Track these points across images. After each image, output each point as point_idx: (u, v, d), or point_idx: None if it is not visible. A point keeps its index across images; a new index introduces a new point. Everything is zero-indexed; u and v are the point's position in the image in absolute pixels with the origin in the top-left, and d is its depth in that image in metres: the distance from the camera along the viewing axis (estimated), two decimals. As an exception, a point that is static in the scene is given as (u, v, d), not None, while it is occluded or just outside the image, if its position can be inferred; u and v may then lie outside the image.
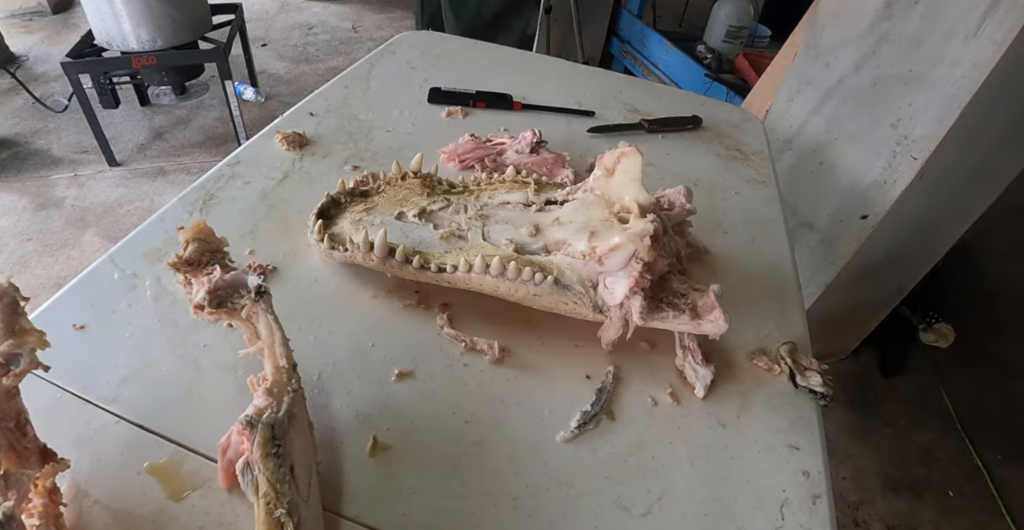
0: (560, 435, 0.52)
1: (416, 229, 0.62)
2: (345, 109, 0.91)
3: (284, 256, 0.65)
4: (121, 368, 0.52)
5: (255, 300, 0.47)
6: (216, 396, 0.51)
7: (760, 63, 2.24)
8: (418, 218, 0.63)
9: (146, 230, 0.66)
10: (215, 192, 0.72)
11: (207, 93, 2.72)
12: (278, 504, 0.38)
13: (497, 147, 0.83)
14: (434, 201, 0.65)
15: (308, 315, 0.59)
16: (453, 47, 1.15)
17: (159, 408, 0.50)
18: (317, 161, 0.79)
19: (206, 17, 2.29)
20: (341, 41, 3.42)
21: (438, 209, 0.65)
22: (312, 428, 0.46)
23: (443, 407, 0.53)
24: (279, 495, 0.39)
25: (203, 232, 0.49)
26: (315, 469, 0.44)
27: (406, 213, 0.64)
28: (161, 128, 2.50)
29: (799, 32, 1.74)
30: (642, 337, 0.60)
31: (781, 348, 0.60)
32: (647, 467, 0.51)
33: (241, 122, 2.31)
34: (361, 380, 0.54)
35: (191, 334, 0.55)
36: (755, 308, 0.67)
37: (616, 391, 0.56)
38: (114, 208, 2.10)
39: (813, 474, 0.52)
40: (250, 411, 0.41)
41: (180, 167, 2.31)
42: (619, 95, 1.05)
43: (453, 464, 0.49)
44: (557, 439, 0.52)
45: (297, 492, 0.40)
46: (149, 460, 0.46)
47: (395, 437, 0.50)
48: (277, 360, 0.45)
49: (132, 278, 0.60)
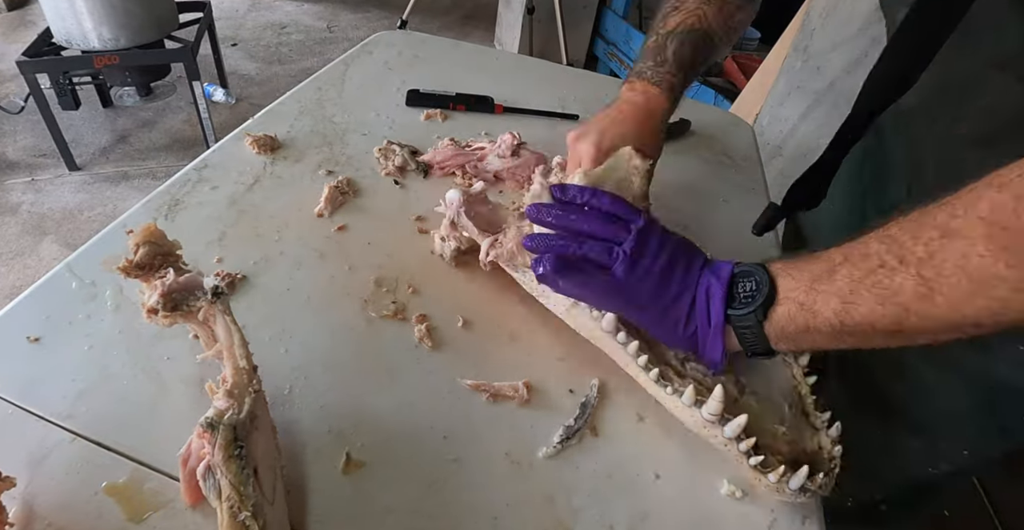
0: (542, 451, 0.52)
1: None
2: (319, 111, 0.91)
3: (254, 264, 0.64)
4: (78, 382, 0.51)
5: (212, 301, 0.47)
6: (181, 411, 0.50)
7: (749, 66, 2.28)
8: None
9: (107, 237, 0.65)
10: (181, 197, 0.71)
11: (174, 94, 2.70)
12: (242, 507, 0.38)
13: (477, 153, 0.84)
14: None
15: (279, 326, 0.59)
16: (432, 47, 1.16)
17: (118, 424, 0.49)
18: (289, 165, 0.79)
19: (172, 15, 2.28)
20: (315, 41, 3.42)
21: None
22: (275, 431, 0.46)
23: (420, 422, 0.53)
24: (243, 498, 0.39)
25: (154, 235, 0.48)
26: (279, 471, 0.44)
27: None
28: (124, 131, 2.48)
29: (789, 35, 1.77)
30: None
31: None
32: (632, 484, 0.51)
33: (210, 125, 2.29)
34: (334, 394, 0.54)
35: (154, 346, 0.55)
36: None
37: (600, 405, 0.57)
38: (74, 214, 2.07)
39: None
40: (210, 413, 0.41)
41: (145, 171, 2.29)
42: (604, 98, 1.05)
43: (430, 481, 0.49)
44: (539, 455, 0.52)
45: (262, 494, 0.40)
46: (107, 480, 0.45)
47: (369, 453, 0.50)
48: (237, 361, 0.45)
49: (92, 287, 0.59)
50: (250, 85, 2.91)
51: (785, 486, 0.47)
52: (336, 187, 0.74)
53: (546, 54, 2.83)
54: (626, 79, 0.73)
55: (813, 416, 0.52)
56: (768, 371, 0.54)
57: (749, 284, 0.47)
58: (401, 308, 0.62)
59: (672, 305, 0.49)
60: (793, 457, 0.49)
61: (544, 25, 2.86)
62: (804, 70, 1.59)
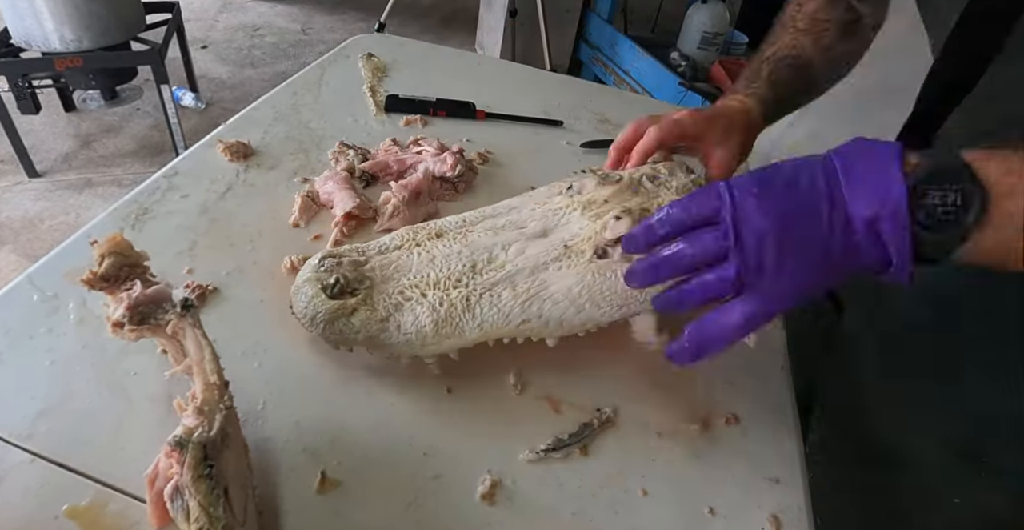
0: (523, 453, 0.53)
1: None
2: (295, 117, 0.91)
3: (227, 275, 0.64)
4: (38, 400, 0.51)
5: (181, 314, 0.46)
6: (147, 429, 0.50)
7: (736, 71, 2.30)
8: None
9: (70, 247, 0.65)
10: (150, 206, 0.71)
11: (141, 98, 2.69)
12: (212, 529, 0.38)
13: (415, 157, 0.83)
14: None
15: (252, 339, 0.58)
16: (411, 51, 1.17)
17: (81, 444, 0.48)
18: (263, 173, 0.79)
19: (139, 16, 2.27)
20: (289, 44, 3.42)
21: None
22: (247, 449, 0.46)
23: (399, 437, 0.53)
24: (213, 520, 0.38)
25: (120, 245, 0.48)
26: (251, 492, 0.44)
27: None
28: (88, 136, 2.45)
29: (776, 40, 1.80)
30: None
31: None
32: (618, 502, 0.52)
33: (179, 130, 2.28)
34: (310, 409, 0.54)
35: (120, 361, 0.54)
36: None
37: (603, 431, 0.57)
38: (34, 223, 2.04)
39: (793, 509, 0.53)
40: (179, 431, 0.41)
41: (110, 179, 2.27)
42: (589, 104, 1.08)
43: (410, 499, 0.49)
44: (520, 458, 0.53)
45: (233, 516, 0.39)
46: (69, 502, 0.45)
47: (346, 471, 0.50)
48: (207, 376, 0.45)
49: (54, 300, 0.59)
50: (221, 89, 2.90)
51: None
52: (310, 195, 0.74)
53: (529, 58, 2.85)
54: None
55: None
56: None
57: (951, 194, 0.36)
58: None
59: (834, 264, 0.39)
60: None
61: (527, 28, 2.88)
62: (792, 76, 1.62)
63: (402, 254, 0.57)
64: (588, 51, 3.12)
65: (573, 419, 0.56)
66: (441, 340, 0.53)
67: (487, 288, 0.54)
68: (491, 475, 0.51)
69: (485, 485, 0.50)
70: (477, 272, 0.55)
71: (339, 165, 0.80)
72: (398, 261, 0.56)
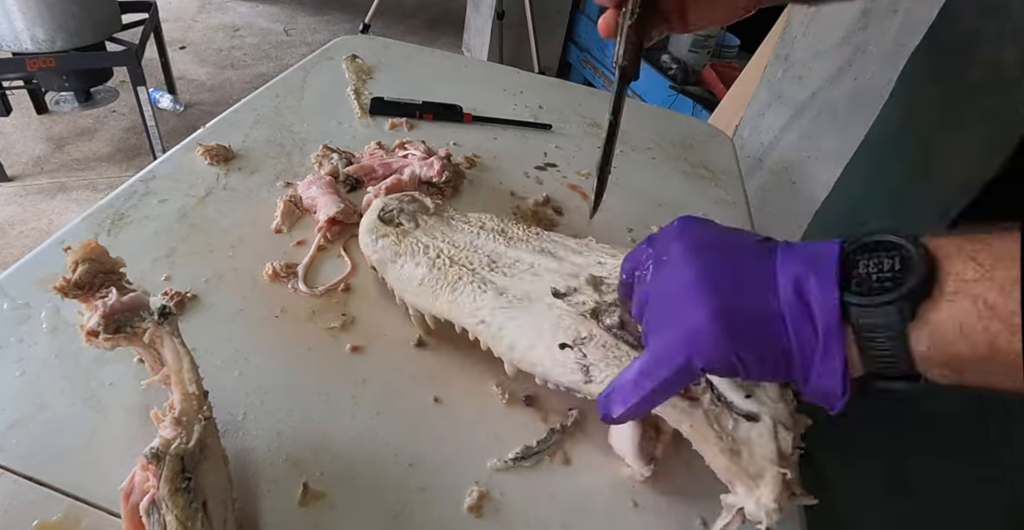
0: (492, 462, 0.53)
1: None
2: (277, 120, 0.91)
3: (206, 282, 0.64)
4: (9, 412, 0.50)
5: (158, 323, 0.46)
6: (123, 441, 0.50)
7: (728, 75, 2.34)
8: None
9: (42, 254, 0.64)
10: (126, 211, 0.71)
11: (116, 100, 2.67)
12: None
13: (400, 161, 0.83)
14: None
15: (232, 348, 0.58)
16: (397, 53, 1.17)
17: (53, 457, 0.48)
18: (244, 177, 0.79)
19: (114, 15, 2.26)
20: (271, 45, 3.42)
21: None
22: (227, 461, 0.46)
23: (384, 448, 0.53)
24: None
25: (94, 252, 0.48)
26: (231, 505, 0.44)
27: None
28: (62, 139, 2.44)
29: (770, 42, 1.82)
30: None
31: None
32: (608, 513, 0.52)
33: (156, 133, 2.27)
34: (292, 419, 0.54)
35: (95, 371, 0.54)
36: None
37: (574, 437, 0.57)
38: (4, 229, 2.02)
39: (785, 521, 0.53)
40: (156, 443, 0.41)
41: (84, 183, 2.25)
42: (578, 108, 1.08)
43: (395, 512, 0.49)
44: (488, 466, 0.53)
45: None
46: (40, 517, 0.44)
47: (329, 483, 0.50)
48: (186, 386, 0.45)
49: (25, 309, 0.58)
50: (200, 91, 2.89)
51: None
52: (292, 200, 0.74)
53: (517, 61, 2.87)
54: None
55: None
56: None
57: (887, 261, 0.31)
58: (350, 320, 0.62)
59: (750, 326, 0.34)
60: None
61: (515, 30, 2.90)
62: (785, 79, 1.63)
63: (459, 226, 0.64)
64: (577, 53, 3.14)
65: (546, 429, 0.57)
66: (420, 294, 0.58)
67: (483, 281, 0.56)
68: (478, 486, 0.51)
69: (472, 497, 0.50)
70: (490, 268, 0.58)
71: (322, 169, 0.81)
72: (449, 228, 0.63)
